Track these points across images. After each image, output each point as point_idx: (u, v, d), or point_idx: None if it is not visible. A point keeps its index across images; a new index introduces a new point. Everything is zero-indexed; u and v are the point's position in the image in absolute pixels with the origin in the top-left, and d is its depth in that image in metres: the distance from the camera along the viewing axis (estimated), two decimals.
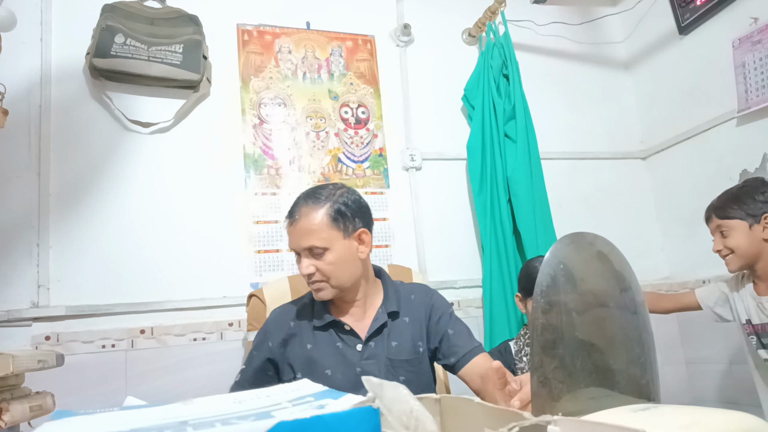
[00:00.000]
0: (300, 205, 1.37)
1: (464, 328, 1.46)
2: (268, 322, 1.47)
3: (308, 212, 1.35)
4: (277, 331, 1.43)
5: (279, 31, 2.35)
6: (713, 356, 2.43)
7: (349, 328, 1.40)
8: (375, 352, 1.39)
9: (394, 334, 1.42)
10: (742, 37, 2.24)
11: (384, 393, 0.52)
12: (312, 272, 1.34)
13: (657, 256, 2.72)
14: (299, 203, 1.38)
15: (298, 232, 1.34)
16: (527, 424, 0.45)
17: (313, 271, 1.34)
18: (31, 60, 1.98)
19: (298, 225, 1.34)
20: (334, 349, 1.39)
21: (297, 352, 1.40)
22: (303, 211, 1.35)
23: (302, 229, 1.33)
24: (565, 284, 0.75)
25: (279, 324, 1.44)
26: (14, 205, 1.89)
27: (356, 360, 1.37)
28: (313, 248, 1.33)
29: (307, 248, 1.33)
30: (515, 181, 2.33)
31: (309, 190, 1.41)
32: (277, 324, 1.45)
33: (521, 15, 2.68)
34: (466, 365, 1.36)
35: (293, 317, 1.45)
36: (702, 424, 0.60)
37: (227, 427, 0.38)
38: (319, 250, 1.33)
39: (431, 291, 1.53)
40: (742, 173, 2.27)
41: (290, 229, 1.36)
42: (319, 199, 1.35)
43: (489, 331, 2.23)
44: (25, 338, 1.82)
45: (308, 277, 1.35)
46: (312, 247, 1.33)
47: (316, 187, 1.42)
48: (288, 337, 1.41)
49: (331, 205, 1.35)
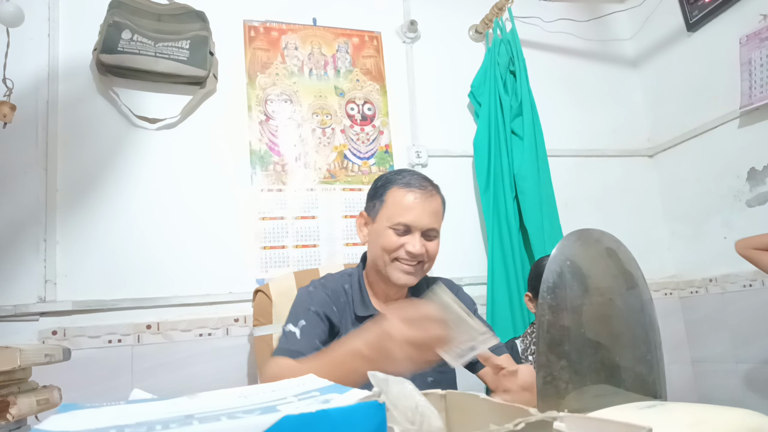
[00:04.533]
0: (429, 182, 1.33)
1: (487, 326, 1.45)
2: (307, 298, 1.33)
3: (436, 194, 1.33)
4: (323, 306, 1.32)
5: (285, 28, 2.35)
6: (719, 355, 2.42)
7: None
8: None
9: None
10: (750, 33, 2.23)
11: (389, 388, 0.52)
12: (423, 252, 1.29)
13: (664, 254, 2.71)
14: (426, 180, 1.33)
15: (430, 209, 1.30)
16: (533, 420, 0.45)
17: (424, 252, 1.29)
18: (39, 56, 1.99)
19: (431, 202, 1.31)
20: None
21: (341, 330, 1.33)
22: (434, 191, 1.32)
23: (433, 208, 1.31)
24: (572, 281, 0.74)
25: (321, 302, 1.32)
26: (21, 200, 1.89)
27: None
28: (431, 230, 1.31)
29: (429, 229, 1.30)
30: (522, 178, 2.33)
31: (421, 174, 1.36)
32: (319, 301, 1.32)
33: (528, 11, 2.67)
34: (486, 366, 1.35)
35: (333, 300, 1.35)
36: (708, 422, 0.60)
37: (233, 421, 0.38)
38: (434, 234, 1.32)
39: (456, 287, 1.50)
40: (749, 171, 2.26)
41: (418, 202, 1.29)
42: (437, 187, 1.35)
43: (492, 329, 2.22)
44: (32, 333, 1.83)
45: (412, 257, 1.29)
46: (432, 229, 1.31)
47: (419, 173, 1.37)
48: (332, 314, 1.33)
49: (443, 198, 1.35)
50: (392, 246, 1.29)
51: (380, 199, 1.34)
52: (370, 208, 1.38)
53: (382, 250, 1.31)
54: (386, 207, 1.32)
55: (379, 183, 1.38)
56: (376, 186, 1.38)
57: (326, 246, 2.21)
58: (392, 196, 1.32)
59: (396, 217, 1.29)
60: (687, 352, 2.59)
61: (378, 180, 1.40)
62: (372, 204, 1.38)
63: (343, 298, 1.37)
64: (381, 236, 1.31)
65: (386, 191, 1.33)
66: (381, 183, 1.37)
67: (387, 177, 1.37)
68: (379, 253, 1.32)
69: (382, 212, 1.33)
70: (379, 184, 1.38)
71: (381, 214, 1.33)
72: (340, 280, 1.41)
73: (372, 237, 1.36)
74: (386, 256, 1.31)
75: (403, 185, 1.31)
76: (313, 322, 1.28)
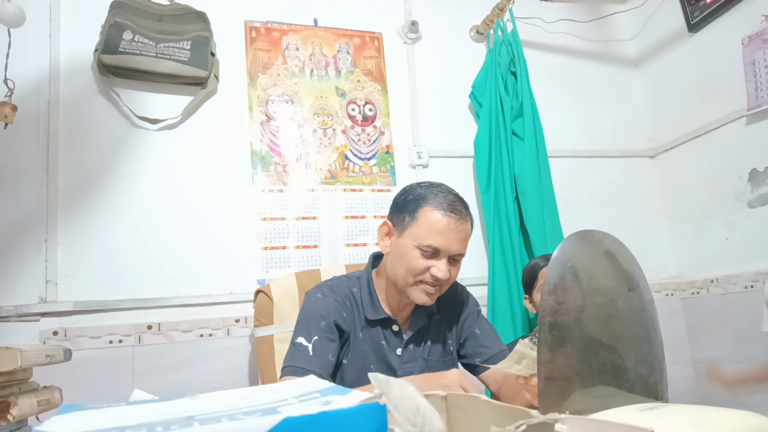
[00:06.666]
0: (462, 205, 1.29)
1: (491, 328, 1.44)
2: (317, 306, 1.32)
3: (468, 220, 1.30)
4: (334, 314, 1.31)
5: (286, 28, 2.35)
6: (721, 356, 2.41)
7: (397, 329, 1.35)
8: (413, 355, 1.37)
9: (429, 333, 1.40)
10: (752, 34, 2.22)
11: (390, 390, 0.52)
12: (447, 277, 1.26)
13: (665, 255, 2.71)
14: (461, 203, 1.29)
15: (462, 234, 1.27)
16: (534, 422, 0.45)
17: (448, 277, 1.27)
18: (40, 56, 1.99)
19: (464, 227, 1.27)
20: (378, 346, 1.35)
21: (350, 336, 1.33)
22: (467, 216, 1.29)
23: (465, 234, 1.28)
24: (573, 282, 0.74)
25: (331, 310, 1.32)
26: (23, 201, 1.90)
27: (397, 364, 1.35)
28: (460, 256, 1.29)
29: (458, 254, 1.28)
30: (523, 178, 2.33)
31: (456, 194, 1.32)
32: (329, 309, 1.32)
33: (529, 12, 2.67)
34: (491, 368, 1.34)
35: (342, 305, 1.34)
36: (711, 424, 0.60)
37: (234, 422, 0.37)
38: (459, 258, 1.29)
39: (460, 287, 1.49)
40: (751, 172, 2.26)
41: (452, 226, 1.25)
42: (469, 211, 1.31)
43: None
44: (33, 333, 1.83)
45: (436, 280, 1.26)
46: (461, 255, 1.28)
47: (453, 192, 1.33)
48: (341, 321, 1.32)
49: (473, 221, 1.32)
50: (418, 269, 1.26)
51: (411, 215, 1.28)
52: (398, 220, 1.32)
53: (407, 272, 1.27)
54: (417, 225, 1.26)
55: (411, 196, 1.31)
56: (407, 199, 1.32)
57: (327, 247, 2.21)
58: (425, 215, 1.26)
59: (427, 239, 1.24)
60: (688, 353, 2.58)
61: (409, 192, 1.33)
62: (401, 217, 1.31)
63: (351, 303, 1.36)
64: (407, 255, 1.27)
65: (419, 208, 1.27)
66: (413, 197, 1.31)
67: (421, 192, 1.30)
68: (401, 273, 1.28)
69: (411, 229, 1.27)
70: (411, 197, 1.31)
71: (410, 230, 1.27)
72: (348, 283, 1.40)
73: (396, 251, 1.31)
74: (410, 278, 1.27)
75: (438, 206, 1.26)
76: (325, 337, 1.27)
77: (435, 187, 1.31)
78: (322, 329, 1.28)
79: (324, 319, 1.29)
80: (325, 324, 1.28)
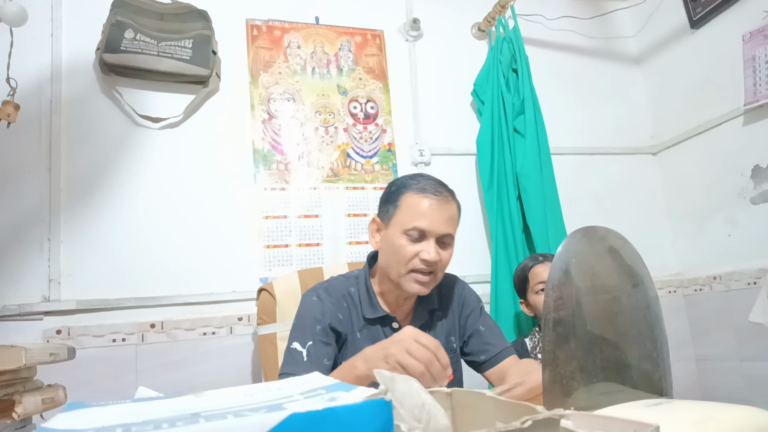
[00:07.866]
0: (444, 188, 1.30)
1: (495, 325, 1.43)
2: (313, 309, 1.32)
3: (452, 200, 1.30)
4: (329, 317, 1.31)
5: (288, 26, 2.35)
6: (724, 353, 2.41)
7: (397, 326, 1.34)
8: None
9: (431, 329, 1.39)
10: (754, 30, 2.22)
11: (396, 386, 0.52)
12: (437, 260, 1.26)
13: (667, 252, 2.70)
14: (442, 186, 1.30)
15: (446, 215, 1.27)
16: (540, 418, 0.45)
17: (438, 260, 1.26)
18: (42, 55, 1.99)
19: (447, 208, 1.27)
20: None
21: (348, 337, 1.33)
22: (449, 197, 1.29)
23: (449, 214, 1.28)
24: (577, 279, 0.74)
25: (327, 313, 1.31)
26: (25, 200, 1.90)
27: None
28: (447, 237, 1.27)
29: (444, 235, 1.27)
30: (525, 176, 2.32)
31: (436, 178, 1.32)
32: (325, 312, 1.31)
33: (531, 9, 2.66)
34: (495, 366, 1.34)
35: (338, 307, 1.34)
36: (715, 420, 0.60)
37: (239, 419, 0.37)
38: (449, 240, 1.28)
39: (461, 283, 1.48)
40: (753, 168, 2.25)
41: (434, 206, 1.25)
42: (453, 193, 1.32)
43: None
44: (37, 332, 1.83)
45: (427, 264, 1.25)
46: (448, 235, 1.27)
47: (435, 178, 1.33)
48: (338, 323, 1.32)
49: (458, 203, 1.32)
50: (407, 256, 1.26)
51: (394, 204, 1.30)
52: (384, 213, 1.34)
53: (398, 262, 1.27)
54: (400, 212, 1.28)
55: (393, 188, 1.34)
56: (390, 191, 1.34)
57: (330, 245, 2.21)
58: (407, 200, 1.28)
59: (410, 222, 1.25)
60: (691, 349, 2.58)
61: (392, 185, 1.36)
62: (385, 209, 1.33)
63: (348, 303, 1.35)
64: (395, 244, 1.27)
65: (400, 196, 1.30)
66: (395, 188, 1.33)
67: (401, 181, 1.33)
68: (393, 264, 1.29)
69: (396, 217, 1.29)
70: (393, 188, 1.34)
71: (395, 219, 1.29)
72: (345, 283, 1.39)
73: (385, 243, 1.32)
74: (402, 268, 1.27)
75: (418, 190, 1.28)
76: (320, 341, 1.27)
77: (417, 176, 1.33)
78: (317, 333, 1.28)
79: (319, 322, 1.29)
80: (320, 328, 1.29)
